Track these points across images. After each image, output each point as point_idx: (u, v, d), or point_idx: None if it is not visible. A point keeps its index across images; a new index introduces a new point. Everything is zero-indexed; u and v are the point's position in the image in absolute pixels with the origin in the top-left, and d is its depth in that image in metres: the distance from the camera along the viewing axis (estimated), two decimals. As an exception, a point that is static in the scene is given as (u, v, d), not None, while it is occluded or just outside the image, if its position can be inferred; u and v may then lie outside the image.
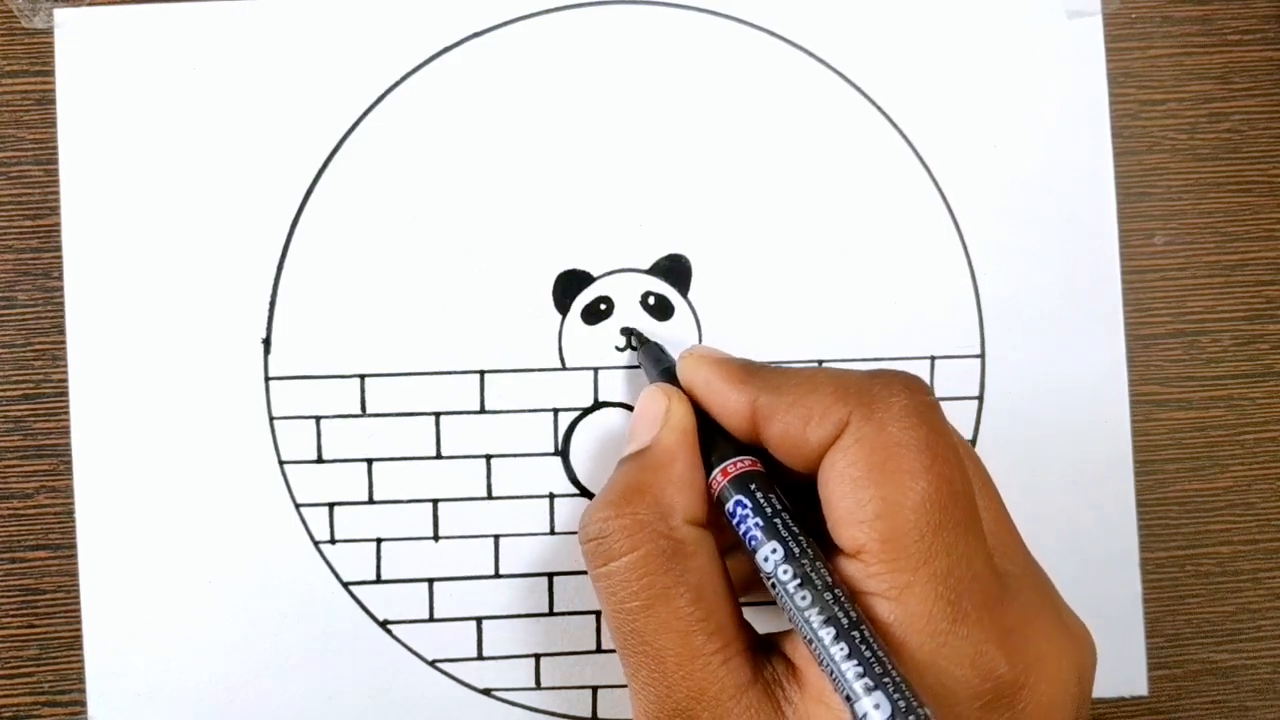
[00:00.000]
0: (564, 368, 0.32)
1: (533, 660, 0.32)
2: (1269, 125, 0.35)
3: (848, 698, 0.21)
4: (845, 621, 0.22)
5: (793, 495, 0.25)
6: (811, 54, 0.33)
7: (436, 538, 0.32)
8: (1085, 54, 0.33)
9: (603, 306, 0.32)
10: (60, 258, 0.32)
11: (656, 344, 0.31)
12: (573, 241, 0.32)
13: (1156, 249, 0.34)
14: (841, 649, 0.22)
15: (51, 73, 0.32)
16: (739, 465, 0.26)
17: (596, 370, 0.32)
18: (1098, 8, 0.33)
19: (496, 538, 0.32)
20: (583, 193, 0.32)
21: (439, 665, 0.32)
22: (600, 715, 0.32)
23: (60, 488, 0.32)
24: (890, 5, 0.33)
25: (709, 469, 0.26)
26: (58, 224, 0.32)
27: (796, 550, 0.23)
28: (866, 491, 0.23)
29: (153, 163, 0.32)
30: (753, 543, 0.24)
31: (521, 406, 0.32)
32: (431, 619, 0.32)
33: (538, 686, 0.32)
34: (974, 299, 0.33)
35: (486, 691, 0.32)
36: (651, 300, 0.32)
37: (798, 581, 0.23)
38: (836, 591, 0.23)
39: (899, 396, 0.24)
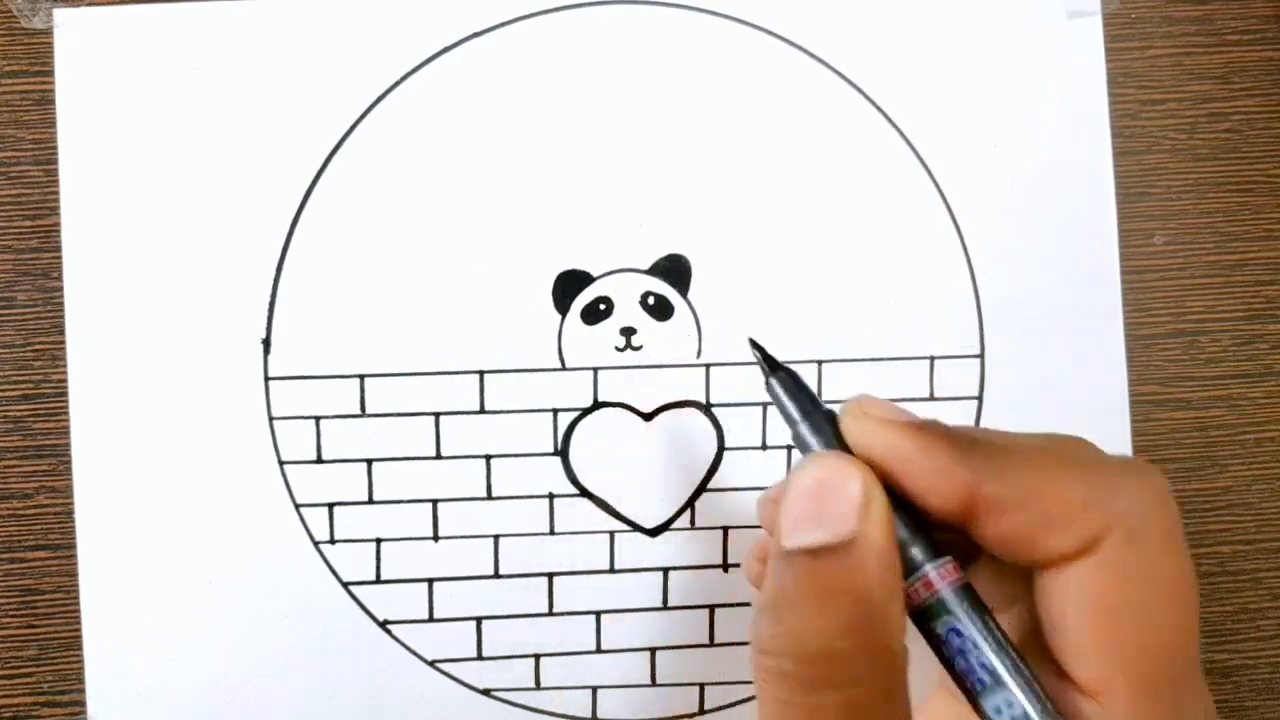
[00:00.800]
0: (563, 368, 0.32)
1: (532, 660, 0.32)
2: (1268, 125, 0.35)
3: None
4: None
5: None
6: (811, 54, 0.33)
7: (436, 538, 0.32)
8: (1085, 54, 0.33)
9: (602, 306, 0.32)
10: (60, 258, 0.32)
11: (797, 377, 0.23)
12: (572, 241, 0.32)
13: (1156, 249, 0.34)
14: None
15: (51, 73, 0.32)
16: (948, 574, 0.21)
17: (596, 370, 0.32)
18: (1097, 8, 0.33)
19: (496, 538, 0.32)
20: (582, 193, 0.32)
21: (439, 665, 0.32)
22: (600, 715, 0.32)
23: (60, 488, 0.32)
24: (890, 6, 0.33)
25: (907, 568, 0.21)
26: (57, 224, 0.32)
27: (1037, 706, 0.20)
28: (1127, 625, 0.20)
29: (152, 163, 0.32)
30: (979, 686, 0.20)
31: (521, 406, 0.32)
32: (431, 619, 0.32)
33: (537, 686, 0.32)
34: (974, 299, 0.33)
35: (486, 692, 0.32)
36: (651, 300, 0.32)
37: None
38: None
39: (1156, 513, 0.21)
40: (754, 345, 0.24)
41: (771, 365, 0.24)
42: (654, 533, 0.32)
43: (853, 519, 0.20)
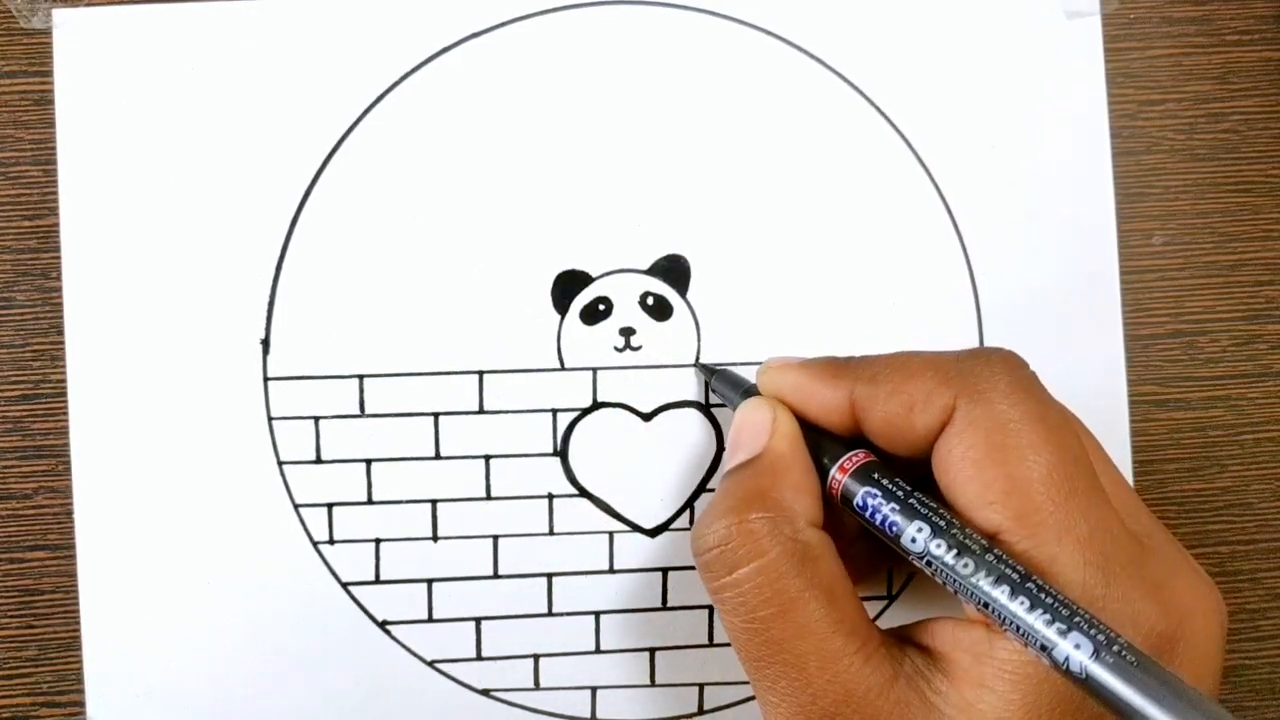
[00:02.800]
0: (563, 368, 0.32)
1: (531, 661, 0.32)
2: (1267, 125, 0.35)
3: (1042, 647, 0.21)
4: (1016, 576, 0.22)
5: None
6: (810, 54, 0.33)
7: (435, 538, 0.32)
8: (1084, 54, 0.33)
9: (601, 307, 0.32)
10: (59, 258, 0.32)
11: (728, 370, 0.31)
12: (571, 242, 0.32)
13: (1155, 249, 0.34)
14: (1022, 603, 0.21)
15: (50, 73, 0.32)
16: (855, 459, 0.25)
17: (595, 370, 0.32)
18: (1096, 8, 0.33)
19: (495, 538, 0.32)
20: (581, 193, 0.32)
21: (438, 666, 0.32)
22: (599, 715, 0.32)
23: (59, 488, 0.32)
24: (889, 6, 0.33)
25: (822, 471, 0.26)
26: (56, 224, 0.32)
27: (942, 523, 0.23)
28: (990, 472, 0.23)
29: (151, 163, 0.32)
30: (893, 529, 0.24)
31: (520, 407, 0.32)
32: (430, 619, 0.32)
33: (537, 687, 0.32)
34: (972, 299, 0.33)
35: (485, 692, 0.32)
36: (650, 300, 0.32)
37: (955, 552, 0.23)
38: (996, 551, 0.22)
39: (1001, 373, 0.24)
40: (698, 366, 0.32)
41: (712, 370, 0.31)
42: (653, 533, 0.32)
43: (762, 438, 0.26)
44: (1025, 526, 0.22)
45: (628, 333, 0.32)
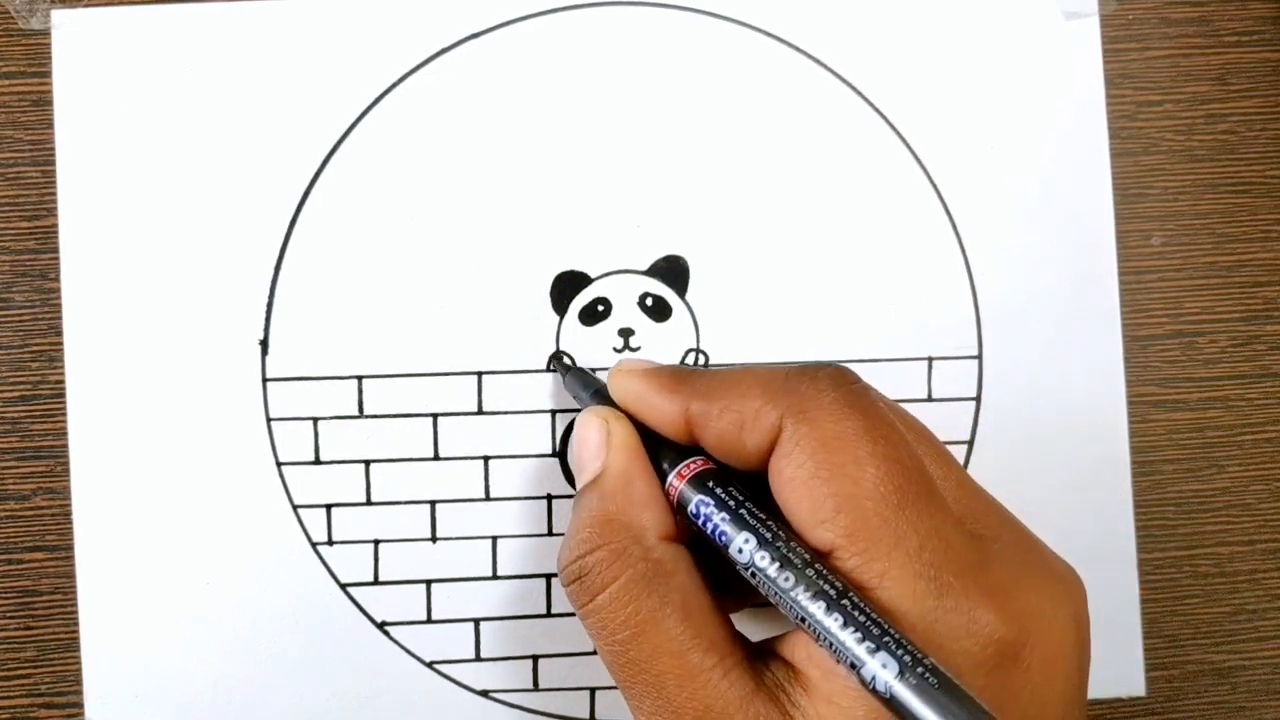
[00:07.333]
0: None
1: (530, 662, 0.32)
2: (1266, 126, 0.35)
3: (852, 665, 0.21)
4: (833, 592, 0.22)
5: (750, 486, 0.25)
6: (809, 56, 0.33)
7: (434, 539, 0.32)
8: (1082, 55, 0.33)
9: (600, 308, 0.32)
10: (57, 259, 0.32)
11: (581, 368, 0.31)
12: (570, 243, 0.32)
13: (1154, 250, 0.34)
14: (836, 619, 0.21)
15: (48, 74, 0.32)
16: (692, 466, 0.25)
17: (595, 371, 0.32)
18: (1094, 9, 0.33)
19: (494, 539, 0.32)
20: (581, 194, 0.32)
21: (437, 667, 0.32)
22: (598, 716, 0.32)
23: (57, 489, 0.32)
24: (888, 7, 0.33)
25: (663, 479, 0.26)
26: (55, 225, 0.32)
27: (769, 535, 0.23)
28: (819, 491, 0.23)
29: (150, 164, 0.32)
30: (723, 539, 0.24)
31: (519, 408, 0.32)
32: (429, 620, 0.32)
33: (535, 688, 0.32)
34: (971, 300, 0.33)
35: (484, 693, 0.32)
36: (649, 301, 0.32)
37: (777, 565, 0.23)
38: (817, 566, 0.22)
39: (826, 391, 0.24)
40: (553, 358, 0.32)
41: (566, 366, 0.32)
42: (652, 534, 0.32)
43: (601, 453, 0.26)
44: (856, 543, 0.22)
45: (627, 333, 0.32)
